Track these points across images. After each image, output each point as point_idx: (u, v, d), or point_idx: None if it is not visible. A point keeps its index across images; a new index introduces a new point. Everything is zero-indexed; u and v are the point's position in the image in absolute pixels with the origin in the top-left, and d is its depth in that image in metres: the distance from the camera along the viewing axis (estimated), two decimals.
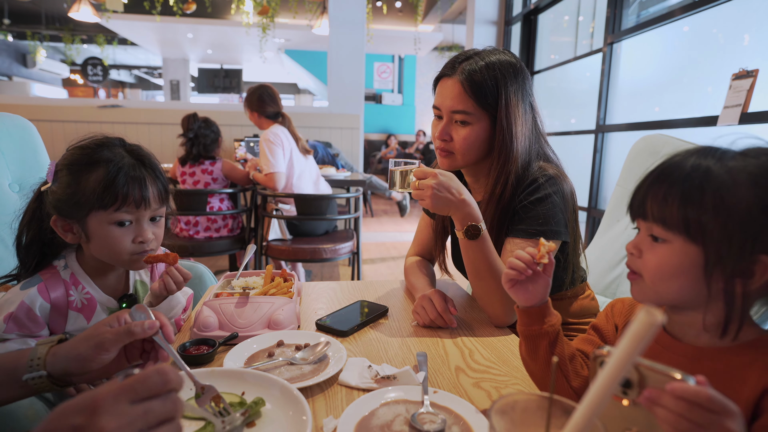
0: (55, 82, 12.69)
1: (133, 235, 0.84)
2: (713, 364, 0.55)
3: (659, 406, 0.41)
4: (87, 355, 0.60)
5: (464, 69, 0.97)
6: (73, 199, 0.80)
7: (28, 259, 0.87)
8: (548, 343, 0.66)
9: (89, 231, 0.82)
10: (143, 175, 0.83)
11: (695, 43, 2.42)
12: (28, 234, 0.87)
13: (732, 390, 0.52)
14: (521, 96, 0.99)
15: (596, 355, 0.45)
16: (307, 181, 2.76)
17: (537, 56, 4.03)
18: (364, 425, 0.60)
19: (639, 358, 0.37)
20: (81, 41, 9.52)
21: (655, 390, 0.41)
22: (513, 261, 0.66)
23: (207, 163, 2.75)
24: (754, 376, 0.51)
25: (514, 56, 1.01)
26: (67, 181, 0.81)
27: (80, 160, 0.82)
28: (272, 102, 2.64)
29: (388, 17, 8.17)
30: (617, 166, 2.82)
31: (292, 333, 0.87)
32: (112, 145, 0.85)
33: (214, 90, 10.47)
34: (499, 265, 0.93)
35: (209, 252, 2.74)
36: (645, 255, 0.57)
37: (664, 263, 0.54)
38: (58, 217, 0.82)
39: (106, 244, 0.82)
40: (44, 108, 4.09)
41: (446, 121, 1.01)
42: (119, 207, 0.80)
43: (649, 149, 1.30)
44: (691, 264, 0.53)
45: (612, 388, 0.35)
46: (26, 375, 0.60)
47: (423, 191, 0.89)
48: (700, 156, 0.53)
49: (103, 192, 0.79)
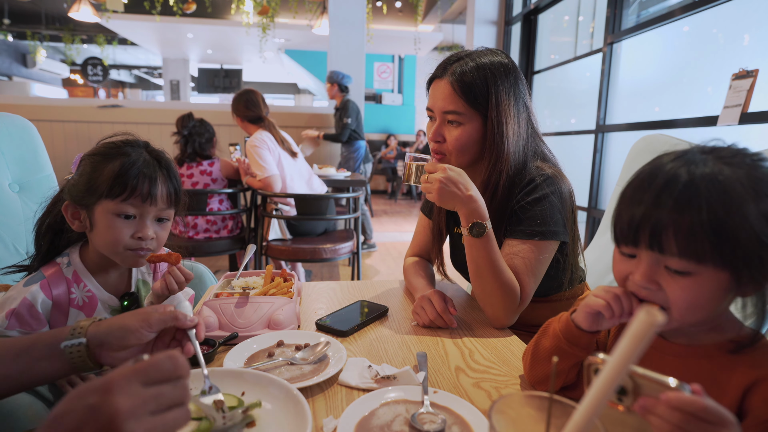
0: (55, 82, 12.69)
1: (134, 230, 0.85)
2: (701, 362, 0.56)
3: (654, 415, 0.41)
4: (132, 326, 0.62)
5: (455, 70, 0.98)
6: (87, 185, 0.84)
7: (42, 246, 0.90)
8: (572, 364, 0.65)
9: (94, 219, 0.85)
10: (155, 173, 0.86)
11: (695, 43, 2.42)
12: (47, 220, 0.90)
13: (718, 387, 0.53)
14: (513, 95, 0.99)
15: (590, 362, 0.44)
16: (299, 181, 2.78)
17: (537, 56, 4.03)
18: (364, 425, 0.60)
19: (633, 366, 0.37)
20: (81, 41, 9.53)
21: (650, 399, 0.41)
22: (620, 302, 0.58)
23: (205, 164, 2.75)
24: (739, 372, 0.52)
25: (507, 56, 1.01)
26: (85, 170, 0.85)
27: (102, 152, 0.86)
28: (253, 106, 2.70)
29: (388, 17, 8.17)
30: (617, 166, 2.82)
31: (292, 333, 0.87)
32: (136, 144, 0.89)
33: (214, 90, 10.47)
34: (502, 265, 0.93)
35: (209, 252, 2.75)
36: (668, 289, 0.53)
37: (695, 296, 0.52)
38: (70, 203, 0.86)
39: (107, 233, 0.84)
40: (44, 108, 4.08)
41: (439, 122, 1.01)
42: (126, 198, 0.83)
43: (649, 149, 1.30)
44: (720, 288, 0.51)
45: (613, 387, 0.35)
46: (65, 342, 0.61)
47: (431, 184, 0.89)
48: (703, 167, 0.50)
49: (113, 181, 0.82)
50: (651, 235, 0.51)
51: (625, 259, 0.57)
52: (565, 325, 0.65)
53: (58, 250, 0.91)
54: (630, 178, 0.57)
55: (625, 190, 0.56)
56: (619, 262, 0.58)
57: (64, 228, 0.90)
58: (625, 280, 0.57)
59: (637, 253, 0.55)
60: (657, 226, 0.51)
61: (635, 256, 0.55)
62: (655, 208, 0.51)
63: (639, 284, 0.54)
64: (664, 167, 0.52)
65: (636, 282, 0.55)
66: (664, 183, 0.51)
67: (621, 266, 0.58)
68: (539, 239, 0.95)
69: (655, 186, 0.52)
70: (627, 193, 0.56)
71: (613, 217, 0.56)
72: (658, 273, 0.53)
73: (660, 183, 0.51)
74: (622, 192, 0.57)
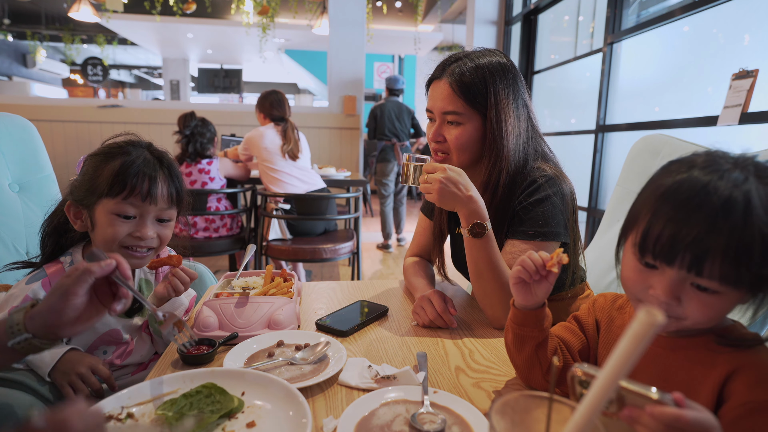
0: (55, 82, 12.68)
1: (133, 229, 0.86)
2: (688, 352, 0.57)
3: (640, 425, 0.41)
4: (57, 305, 0.60)
5: (453, 71, 0.98)
6: (88, 185, 0.85)
7: (47, 247, 0.91)
8: (536, 345, 0.67)
9: (95, 218, 0.85)
10: (155, 172, 0.87)
11: (695, 43, 2.42)
12: (53, 222, 0.91)
13: (703, 375, 0.55)
14: (511, 94, 0.99)
15: (572, 374, 0.45)
16: (291, 179, 2.81)
17: (537, 56, 4.03)
18: (364, 425, 0.60)
19: None
20: (81, 41, 9.51)
21: (635, 409, 0.41)
22: (525, 261, 0.66)
23: (204, 162, 2.76)
24: (722, 360, 0.54)
25: (505, 56, 1.02)
26: (87, 170, 0.86)
27: (104, 152, 0.87)
28: (279, 106, 2.88)
29: (388, 17, 8.17)
30: (617, 166, 2.82)
31: (292, 333, 0.87)
32: (138, 144, 0.89)
33: (214, 90, 10.46)
34: (502, 266, 0.93)
35: (209, 252, 2.75)
36: (688, 303, 0.52)
37: (716, 312, 0.52)
38: (72, 202, 0.87)
39: (105, 231, 0.85)
40: (44, 108, 4.08)
41: (438, 122, 1.02)
42: (126, 197, 0.84)
43: (649, 149, 1.30)
44: (737, 302, 0.52)
45: (613, 387, 0.35)
46: (10, 341, 0.60)
47: (431, 185, 0.89)
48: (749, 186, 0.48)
49: (113, 180, 0.83)
50: (694, 258, 0.49)
51: (642, 270, 0.55)
52: (510, 313, 0.70)
53: (63, 249, 0.92)
54: (661, 181, 0.54)
55: (661, 202, 0.52)
56: (635, 271, 0.56)
57: (68, 228, 0.91)
58: (640, 290, 0.56)
59: (661, 267, 0.53)
60: (705, 251, 0.48)
61: (657, 267, 0.53)
62: (708, 233, 0.48)
63: (660, 299, 0.53)
64: (711, 183, 0.49)
65: (657, 297, 0.53)
66: (721, 207, 0.48)
67: (638, 276, 0.56)
68: (541, 240, 0.95)
69: (709, 208, 0.48)
70: (664, 207, 0.51)
71: (645, 228, 0.53)
72: (681, 289, 0.52)
73: (715, 206, 0.48)
74: (656, 202, 0.53)
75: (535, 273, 0.65)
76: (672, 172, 0.53)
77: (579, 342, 0.71)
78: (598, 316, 0.71)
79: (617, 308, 0.69)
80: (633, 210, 0.57)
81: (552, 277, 0.65)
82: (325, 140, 4.52)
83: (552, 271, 0.64)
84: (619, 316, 0.68)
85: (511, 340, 0.70)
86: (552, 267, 0.64)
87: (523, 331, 0.68)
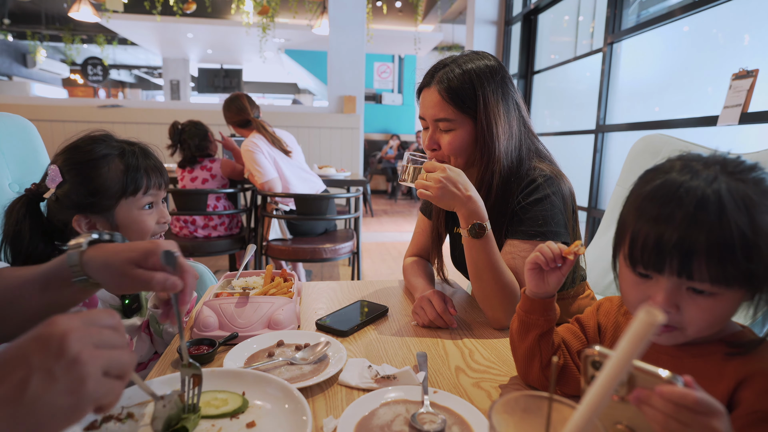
0: (55, 82, 12.68)
1: (157, 217, 0.90)
2: (695, 360, 0.57)
3: (648, 405, 0.42)
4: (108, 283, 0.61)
5: (441, 78, 0.99)
6: (98, 194, 0.84)
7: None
8: (539, 333, 0.69)
9: (118, 220, 0.86)
10: (155, 160, 0.90)
11: (695, 43, 2.42)
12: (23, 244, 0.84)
13: (711, 384, 0.54)
14: (501, 96, 0.99)
15: (586, 354, 0.45)
16: (296, 179, 2.79)
17: (537, 56, 4.03)
18: (364, 425, 0.60)
19: None
20: (81, 41, 9.51)
21: (645, 390, 0.42)
22: (544, 248, 0.67)
23: (206, 161, 2.79)
24: (731, 368, 0.53)
25: (493, 58, 1.02)
26: (80, 180, 0.84)
27: (85, 158, 0.85)
28: (241, 111, 2.72)
29: (388, 17, 8.17)
30: (617, 166, 2.82)
31: (292, 333, 0.87)
32: (108, 138, 0.90)
33: (214, 90, 10.47)
34: (502, 266, 0.93)
35: (209, 252, 2.75)
36: (687, 310, 0.52)
37: (715, 315, 0.52)
38: (81, 215, 0.85)
39: (136, 229, 0.87)
40: (44, 108, 4.09)
41: (432, 129, 1.03)
42: (146, 191, 0.87)
43: (649, 149, 1.30)
44: (738, 303, 0.52)
45: (612, 387, 0.35)
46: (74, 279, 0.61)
47: (430, 184, 0.89)
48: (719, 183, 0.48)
49: (127, 179, 0.85)
50: (681, 261, 0.49)
51: (639, 282, 0.55)
52: (520, 302, 0.72)
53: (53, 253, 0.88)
54: (640, 190, 0.54)
55: (642, 209, 0.53)
56: (633, 285, 0.56)
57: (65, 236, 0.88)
58: (641, 303, 0.55)
59: (654, 276, 0.53)
60: (689, 253, 0.48)
61: (650, 276, 0.53)
62: (689, 233, 0.48)
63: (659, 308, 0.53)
64: (685, 184, 0.49)
65: (656, 306, 0.53)
66: (696, 206, 0.48)
67: (636, 291, 0.55)
68: (540, 240, 0.95)
69: (686, 208, 0.48)
70: (646, 214, 0.52)
71: (631, 237, 0.53)
72: (678, 295, 0.52)
73: (690, 206, 0.48)
74: (637, 210, 0.53)
75: (552, 260, 0.66)
76: (649, 180, 0.54)
77: (580, 343, 0.71)
78: (601, 319, 0.71)
79: (623, 314, 0.69)
80: (619, 223, 0.57)
81: (566, 267, 0.67)
82: (325, 140, 4.52)
83: (568, 258, 0.66)
84: (626, 321, 0.68)
85: (516, 328, 0.72)
86: (568, 255, 0.66)
87: (530, 318, 0.70)
